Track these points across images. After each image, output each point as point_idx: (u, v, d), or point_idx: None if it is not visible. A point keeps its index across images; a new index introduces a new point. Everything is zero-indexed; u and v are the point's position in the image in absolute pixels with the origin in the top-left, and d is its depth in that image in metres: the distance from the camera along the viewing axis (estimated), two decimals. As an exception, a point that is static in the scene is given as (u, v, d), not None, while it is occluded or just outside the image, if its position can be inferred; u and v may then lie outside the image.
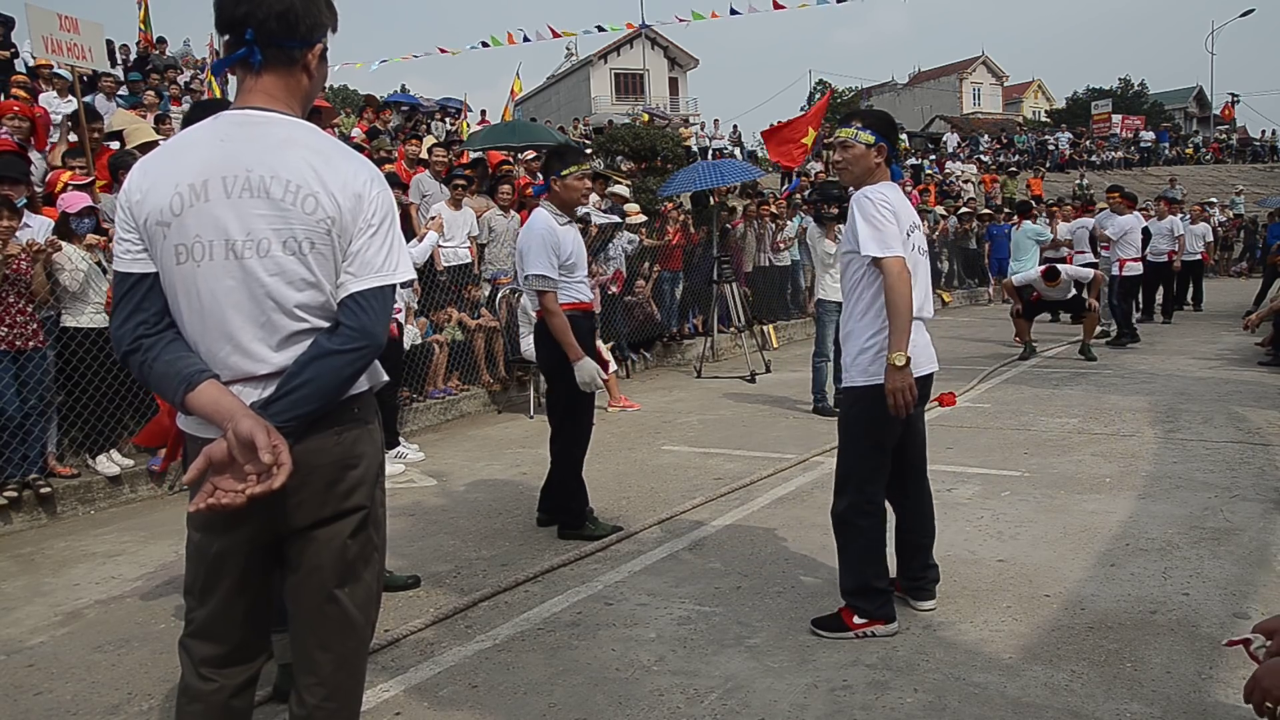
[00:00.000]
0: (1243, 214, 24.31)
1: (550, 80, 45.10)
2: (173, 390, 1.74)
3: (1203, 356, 9.56)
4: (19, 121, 7.38)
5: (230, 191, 1.74)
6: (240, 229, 1.73)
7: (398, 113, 16.34)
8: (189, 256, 1.75)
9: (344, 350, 1.75)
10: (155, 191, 1.76)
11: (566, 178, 4.28)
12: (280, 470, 1.64)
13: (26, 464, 5.20)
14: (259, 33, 1.77)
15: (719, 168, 10.48)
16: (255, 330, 1.76)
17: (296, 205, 1.74)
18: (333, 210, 1.75)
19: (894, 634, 3.20)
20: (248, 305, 1.75)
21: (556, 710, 2.83)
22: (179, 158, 1.79)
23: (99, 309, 5.61)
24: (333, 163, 1.78)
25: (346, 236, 1.77)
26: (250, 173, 1.74)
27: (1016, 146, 33.69)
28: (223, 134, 1.78)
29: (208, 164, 1.75)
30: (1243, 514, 4.40)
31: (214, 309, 1.75)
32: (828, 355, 7.44)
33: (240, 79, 1.83)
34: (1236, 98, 45.11)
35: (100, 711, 2.96)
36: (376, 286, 1.78)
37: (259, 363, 1.77)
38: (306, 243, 1.74)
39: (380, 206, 1.81)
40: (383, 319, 1.80)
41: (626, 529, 4.50)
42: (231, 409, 1.69)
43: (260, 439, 1.64)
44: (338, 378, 1.75)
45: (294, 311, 1.76)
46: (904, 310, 3.06)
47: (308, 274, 1.75)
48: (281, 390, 1.73)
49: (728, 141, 27.69)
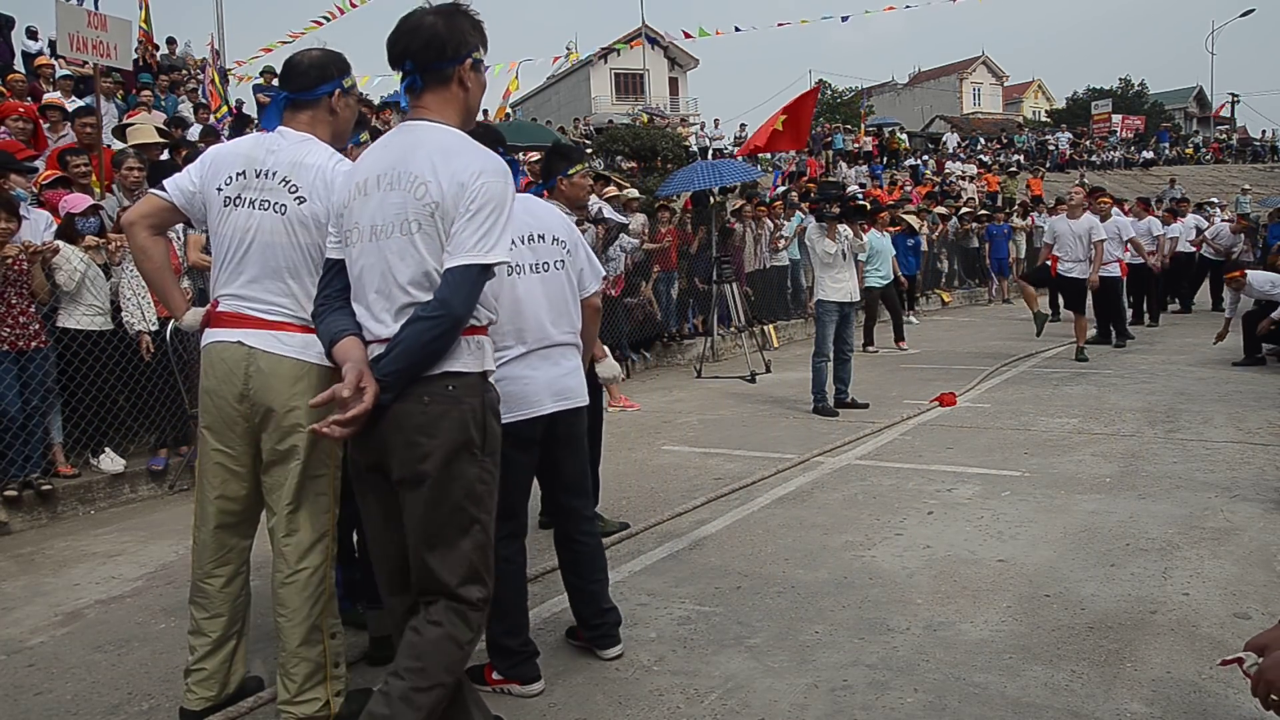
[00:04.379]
0: (1248, 213, 24.31)
1: (550, 80, 45.09)
2: (325, 343, 2.19)
3: (1203, 356, 9.56)
4: (22, 123, 7.39)
5: (379, 187, 2.15)
6: (380, 216, 2.13)
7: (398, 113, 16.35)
8: (350, 240, 2.19)
9: (426, 317, 2.05)
10: (343, 191, 2.25)
11: (573, 176, 4.29)
12: (358, 406, 2.00)
13: (29, 465, 5.21)
14: (416, 61, 2.16)
15: (718, 168, 10.47)
16: (382, 301, 2.13)
17: (412, 193, 2.08)
18: (437, 196, 2.07)
19: (536, 694, 2.88)
20: (378, 280, 2.13)
21: (556, 710, 2.83)
22: (362, 163, 2.23)
23: (97, 311, 5.59)
24: (451, 157, 2.10)
25: (448, 219, 2.07)
26: (392, 170, 2.13)
27: (1016, 146, 33.69)
28: (387, 142, 2.22)
29: (372, 166, 2.18)
30: (1243, 514, 4.40)
31: (360, 283, 2.17)
32: (827, 355, 7.44)
33: (411, 99, 2.22)
34: (1237, 98, 45.18)
35: (100, 711, 2.96)
36: (463, 264, 2.05)
37: (383, 327, 2.13)
38: (415, 224, 2.08)
39: (481, 195, 2.07)
40: (462, 293, 2.05)
41: (629, 527, 4.50)
42: (348, 357, 2.09)
43: (350, 377, 2.02)
44: (419, 341, 2.04)
45: (404, 285, 2.10)
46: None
47: (415, 252, 2.08)
48: (386, 350, 2.08)
49: (729, 141, 27.69)
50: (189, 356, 5.84)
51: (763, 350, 10.47)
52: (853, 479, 5.37)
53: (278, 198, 2.56)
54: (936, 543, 4.18)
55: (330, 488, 2.65)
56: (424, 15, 2.18)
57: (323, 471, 2.63)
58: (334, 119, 2.69)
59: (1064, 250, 9.57)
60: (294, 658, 2.59)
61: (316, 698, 2.60)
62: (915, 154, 29.17)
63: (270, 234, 2.56)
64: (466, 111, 2.24)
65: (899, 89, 54.95)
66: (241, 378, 2.55)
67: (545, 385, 2.92)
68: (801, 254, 12.21)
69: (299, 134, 2.63)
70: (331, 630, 2.65)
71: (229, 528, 2.69)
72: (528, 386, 2.89)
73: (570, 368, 3.01)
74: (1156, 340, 11.26)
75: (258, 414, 2.57)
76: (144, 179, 6.27)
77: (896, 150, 28.96)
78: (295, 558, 2.59)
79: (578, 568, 3.14)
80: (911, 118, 43.04)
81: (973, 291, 17.67)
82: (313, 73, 2.64)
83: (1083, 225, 9.48)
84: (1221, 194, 26.81)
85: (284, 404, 2.54)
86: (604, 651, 3.15)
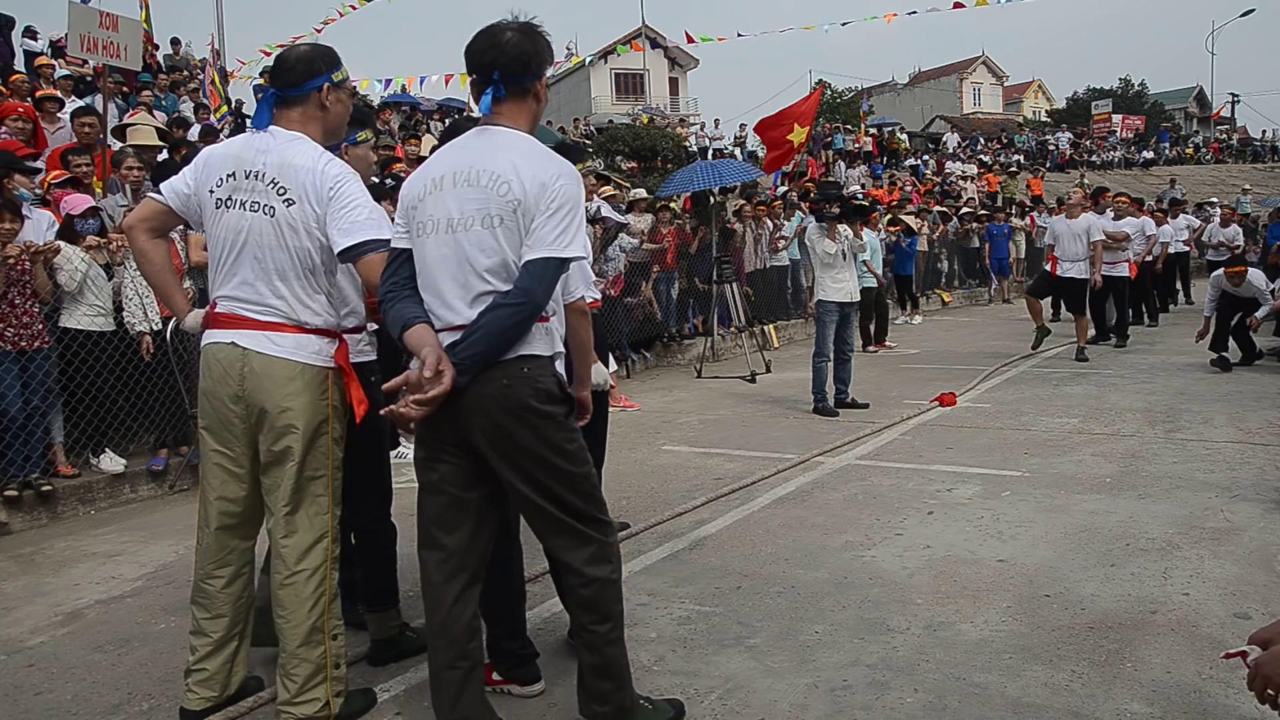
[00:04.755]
0: (1249, 213, 24.32)
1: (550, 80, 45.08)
2: (396, 329, 2.32)
3: (1203, 356, 9.55)
4: (21, 123, 7.39)
5: (456, 183, 2.31)
6: (457, 210, 2.29)
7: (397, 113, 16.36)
8: (423, 232, 2.34)
9: (509, 304, 2.24)
10: (413, 184, 2.40)
11: None
12: (438, 388, 2.18)
13: (30, 465, 5.21)
14: (504, 72, 2.34)
15: (718, 168, 10.47)
16: (456, 289, 2.30)
17: (494, 190, 2.26)
18: (520, 194, 2.24)
19: (536, 694, 2.89)
20: (454, 269, 2.29)
21: (556, 710, 2.83)
22: (433, 162, 2.41)
23: (98, 311, 5.60)
24: (531, 160, 2.29)
25: (530, 216, 2.24)
26: (470, 169, 2.30)
27: (1017, 146, 33.69)
28: (463, 143, 2.38)
29: (448, 164, 2.35)
30: (1243, 514, 4.40)
31: (433, 272, 2.32)
32: (828, 355, 7.44)
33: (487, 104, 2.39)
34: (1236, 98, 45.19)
35: (100, 711, 2.96)
36: (544, 257, 2.23)
37: (457, 315, 2.30)
38: (498, 218, 2.25)
39: (561, 195, 2.26)
40: (544, 284, 2.25)
41: (629, 527, 4.50)
42: (424, 343, 2.25)
43: (430, 362, 2.18)
44: (501, 326, 2.23)
45: (483, 275, 2.27)
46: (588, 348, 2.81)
47: (496, 245, 2.26)
48: (464, 335, 2.25)
49: (729, 141, 27.69)
50: (189, 357, 5.84)
51: (763, 350, 10.47)
52: (853, 479, 5.37)
53: (267, 200, 2.55)
54: (936, 543, 4.18)
55: (329, 489, 2.65)
56: (507, 30, 2.36)
57: (321, 473, 2.62)
58: (324, 114, 2.67)
59: (1062, 250, 9.58)
60: (294, 658, 2.59)
61: (316, 698, 2.60)
62: (915, 154, 29.16)
63: (260, 236, 2.55)
64: (535, 121, 2.47)
65: (899, 89, 54.93)
66: (236, 378, 2.56)
67: None
68: (801, 254, 12.21)
69: (290, 133, 2.62)
70: (333, 631, 2.64)
71: (230, 529, 2.69)
72: None
73: None
74: (1156, 340, 11.26)
75: (253, 415, 2.58)
76: (145, 178, 6.28)
77: (896, 150, 28.96)
78: (294, 559, 2.59)
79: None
80: (911, 118, 43.02)
81: (973, 291, 17.68)
82: (300, 67, 2.63)
83: (1081, 225, 9.50)
84: (1221, 194, 26.80)
85: (277, 405, 2.54)
86: None
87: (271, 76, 2.69)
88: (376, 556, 3.20)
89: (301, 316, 2.60)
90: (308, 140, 2.62)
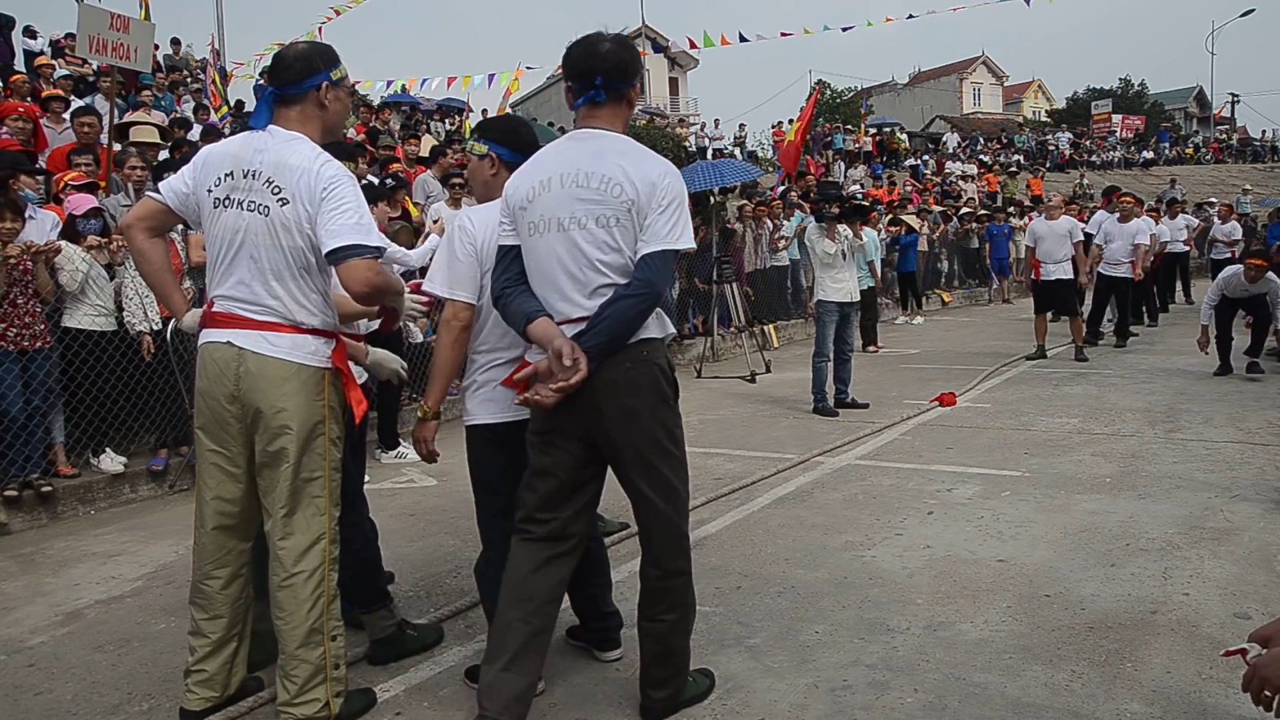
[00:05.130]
0: (1249, 213, 24.34)
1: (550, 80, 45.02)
2: (519, 322, 2.48)
3: (1203, 356, 9.55)
4: (21, 123, 7.39)
5: (564, 185, 2.47)
6: (568, 210, 2.46)
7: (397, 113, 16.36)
8: (535, 230, 2.50)
9: (632, 295, 2.42)
10: (519, 187, 2.55)
11: None
12: (576, 375, 2.35)
13: (30, 465, 5.21)
14: (606, 79, 2.51)
15: (717, 168, 10.47)
16: (573, 284, 2.47)
17: (608, 192, 2.44)
18: (633, 195, 2.42)
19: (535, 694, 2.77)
20: (570, 265, 2.47)
21: (556, 710, 2.83)
22: (537, 164, 2.57)
23: (100, 311, 5.60)
24: (637, 162, 2.47)
25: (643, 214, 2.43)
26: (578, 172, 2.47)
27: (1016, 146, 33.69)
28: (564, 148, 2.55)
29: (553, 167, 2.51)
30: (1243, 514, 4.40)
31: (548, 268, 2.49)
32: (828, 355, 7.45)
33: (587, 110, 2.56)
34: (1236, 98, 45.17)
35: (100, 711, 2.96)
36: (660, 250, 2.43)
37: (575, 308, 2.47)
38: (613, 218, 2.44)
39: (670, 192, 2.45)
40: (663, 274, 2.44)
41: (630, 528, 4.50)
42: (553, 334, 2.41)
43: (566, 351, 2.36)
44: (626, 316, 2.41)
45: (600, 270, 2.45)
46: (440, 362, 2.80)
47: (611, 241, 2.44)
48: (588, 327, 2.42)
49: (729, 141, 27.68)
50: (189, 357, 5.84)
51: (763, 350, 10.47)
52: (853, 479, 5.37)
53: (262, 199, 2.54)
54: (936, 543, 4.18)
55: (327, 490, 2.64)
56: (605, 41, 2.54)
57: (318, 474, 2.61)
58: (323, 113, 2.66)
59: (1045, 253, 9.62)
60: (293, 660, 2.59)
61: (317, 699, 2.60)
62: (915, 154, 29.16)
63: (256, 236, 2.54)
64: (626, 123, 2.64)
65: (899, 89, 54.92)
66: (232, 378, 2.55)
67: None
68: (801, 254, 12.21)
69: (288, 133, 2.60)
70: (332, 632, 2.64)
71: (227, 529, 2.68)
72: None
73: None
74: (1156, 340, 11.26)
75: (248, 415, 2.57)
76: (147, 177, 6.28)
77: (896, 150, 28.96)
78: (291, 561, 2.58)
79: (581, 570, 3.13)
80: (911, 118, 43.01)
81: (973, 291, 17.69)
82: (299, 65, 2.61)
83: (1063, 226, 9.58)
84: (1221, 194, 26.81)
85: (271, 405, 2.53)
86: (604, 654, 3.15)
87: (270, 75, 2.68)
88: (353, 560, 3.17)
89: (297, 317, 2.59)
90: (306, 140, 2.61)
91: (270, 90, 2.65)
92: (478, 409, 2.91)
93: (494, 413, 2.87)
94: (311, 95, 2.63)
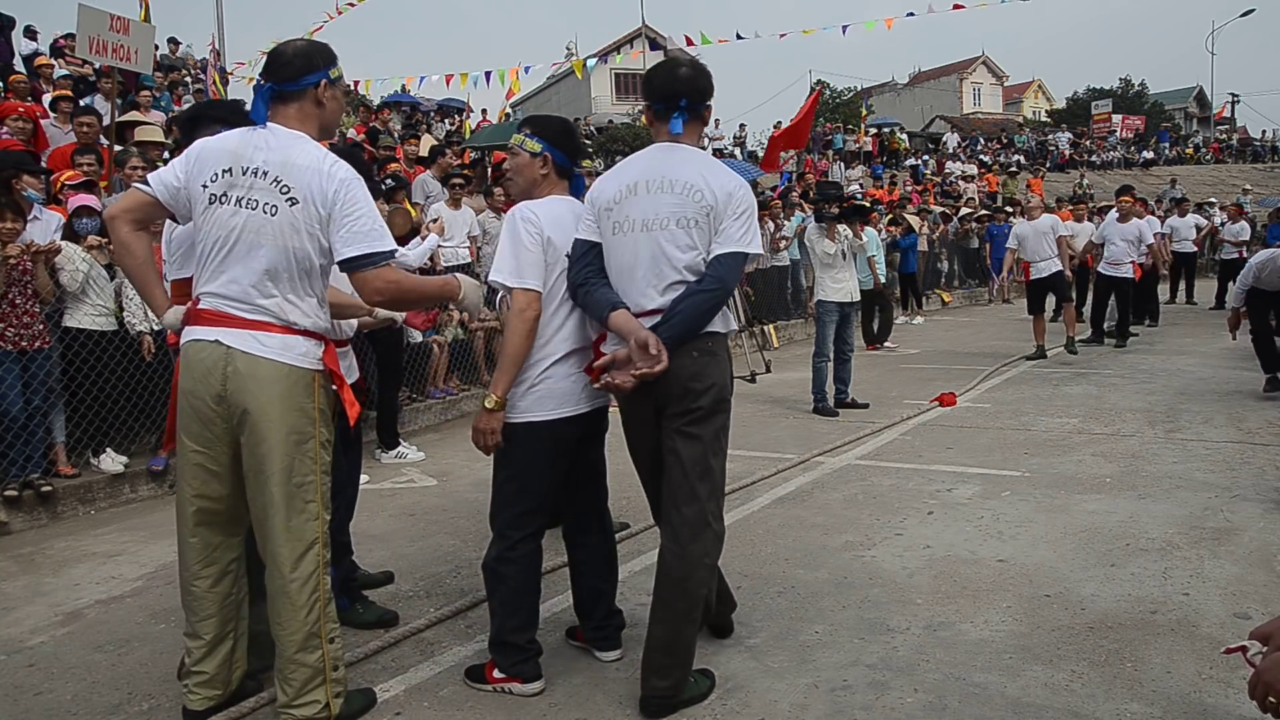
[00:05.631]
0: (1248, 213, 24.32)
1: (550, 80, 45.04)
2: (600, 311, 2.72)
3: (1203, 356, 9.56)
4: (22, 123, 7.39)
5: (649, 189, 2.75)
6: (653, 212, 2.72)
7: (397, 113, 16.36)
8: (619, 229, 2.75)
9: (706, 291, 2.67)
10: (606, 189, 2.80)
11: None
12: (660, 364, 2.59)
13: (30, 465, 5.21)
14: (689, 100, 2.82)
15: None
16: (651, 279, 2.72)
17: (689, 197, 2.70)
18: (712, 200, 2.69)
19: (536, 693, 2.90)
20: (649, 262, 2.72)
21: (556, 710, 2.83)
22: (624, 170, 2.85)
23: (101, 311, 5.60)
24: (716, 172, 2.75)
25: (719, 219, 2.69)
26: (662, 178, 2.74)
27: (1017, 146, 33.69)
28: (651, 156, 2.82)
29: (639, 173, 2.78)
30: (1243, 514, 4.40)
31: (629, 264, 2.74)
32: (828, 355, 7.45)
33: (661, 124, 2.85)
34: (1236, 98, 45.15)
35: (100, 711, 2.96)
36: (732, 252, 2.68)
37: (650, 301, 2.72)
38: (693, 220, 2.70)
39: (744, 202, 2.71)
40: (734, 274, 2.68)
41: (629, 527, 4.50)
42: (635, 326, 2.65)
43: (652, 342, 2.60)
44: (699, 310, 2.66)
45: (676, 267, 2.71)
46: (512, 352, 2.77)
47: (690, 241, 2.70)
48: (664, 319, 2.66)
49: (729, 141, 27.68)
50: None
51: (763, 350, 10.47)
52: (853, 479, 5.37)
53: (268, 198, 2.49)
54: (936, 543, 4.18)
55: (318, 494, 2.60)
56: (682, 66, 2.86)
57: (309, 478, 2.57)
58: (321, 111, 2.63)
59: (1031, 253, 9.66)
60: (291, 664, 2.58)
61: (316, 700, 2.60)
62: (915, 154, 29.15)
63: (256, 234, 2.49)
64: (700, 137, 2.95)
65: (899, 89, 54.87)
66: (219, 378, 2.49)
67: (585, 383, 2.89)
68: (801, 254, 12.22)
69: (291, 131, 2.57)
70: (330, 635, 2.62)
71: (212, 527, 2.65)
72: (577, 384, 2.87)
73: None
74: (1156, 340, 11.26)
75: (235, 415, 2.52)
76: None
77: (896, 150, 28.95)
78: (286, 569, 2.55)
79: (593, 567, 3.14)
80: (911, 118, 42.98)
81: (973, 291, 17.68)
82: (297, 62, 2.57)
83: (1045, 224, 9.67)
84: (1221, 194, 26.79)
85: (261, 407, 2.48)
86: (604, 654, 3.15)
87: (267, 71, 2.62)
88: None
89: (290, 317, 2.55)
90: (309, 139, 2.58)
91: (268, 86, 2.60)
92: (533, 405, 2.84)
93: (552, 408, 2.84)
94: (310, 93, 2.59)
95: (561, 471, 2.96)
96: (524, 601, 2.94)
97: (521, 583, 2.92)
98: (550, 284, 2.81)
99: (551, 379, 2.83)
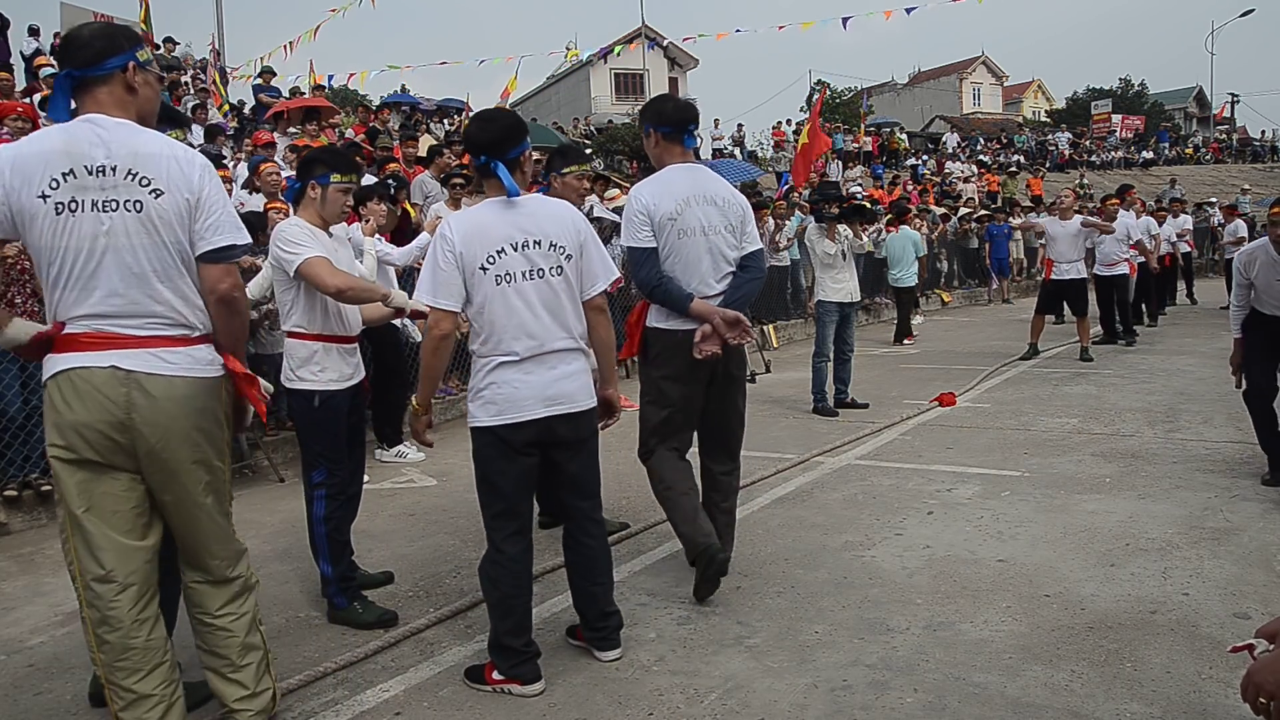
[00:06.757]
0: (1247, 213, 24.34)
1: (550, 80, 45.03)
2: (680, 303, 3.47)
3: (1203, 356, 9.56)
4: (21, 123, 7.38)
5: (700, 202, 3.55)
6: (706, 221, 3.55)
7: (397, 113, 16.35)
8: (685, 235, 3.53)
9: (756, 279, 3.66)
10: (662, 203, 3.51)
11: (566, 176, 4.28)
12: (748, 334, 3.54)
13: (29, 465, 5.20)
14: (697, 126, 3.77)
15: (717, 168, 10.49)
16: (713, 272, 3.57)
17: (729, 208, 3.60)
18: (739, 211, 3.63)
19: (536, 694, 2.91)
20: (708, 258, 3.55)
21: (556, 710, 2.83)
22: (670, 185, 3.55)
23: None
24: (731, 188, 3.68)
25: (746, 224, 3.64)
26: (706, 193, 3.58)
27: (1016, 146, 33.69)
28: (686, 176, 3.59)
29: (687, 189, 3.55)
30: (1243, 514, 4.40)
31: (695, 261, 3.54)
32: (827, 355, 7.45)
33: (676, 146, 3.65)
34: (1236, 98, 45.14)
35: (100, 712, 2.96)
36: (759, 248, 3.68)
37: (711, 289, 3.56)
38: (734, 225, 3.60)
39: (749, 208, 3.70)
40: (764, 265, 3.65)
41: (629, 528, 4.50)
42: (713, 309, 3.48)
43: (741, 318, 3.49)
44: (751, 291, 3.64)
45: (729, 260, 3.60)
46: (424, 365, 2.93)
47: (735, 241, 3.61)
48: (726, 300, 3.54)
49: (729, 141, 27.67)
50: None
51: (763, 350, 10.47)
52: (853, 479, 5.37)
53: (128, 195, 2.26)
54: (936, 543, 4.18)
55: (229, 489, 2.57)
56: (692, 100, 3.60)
57: (225, 476, 2.52)
58: (135, 98, 2.36)
59: (1058, 254, 9.61)
60: (244, 650, 2.56)
61: (266, 688, 2.63)
62: (915, 154, 29.15)
63: (127, 237, 2.26)
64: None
65: (899, 89, 54.85)
66: (123, 406, 2.27)
67: (536, 391, 2.89)
68: (801, 254, 12.22)
69: (118, 120, 2.30)
70: (260, 621, 2.66)
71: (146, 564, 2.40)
72: (517, 391, 2.89)
73: (567, 372, 2.96)
74: (1156, 340, 11.26)
75: (143, 445, 2.31)
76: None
77: (896, 150, 28.95)
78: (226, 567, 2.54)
79: (583, 569, 3.14)
80: (911, 118, 42.98)
81: (973, 291, 17.68)
82: (97, 44, 2.29)
83: (1074, 226, 9.57)
84: (1221, 194, 26.81)
85: (183, 431, 2.34)
86: (603, 654, 3.15)
87: (62, 57, 2.33)
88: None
89: (190, 319, 2.37)
90: (142, 128, 2.34)
91: (66, 74, 2.31)
92: (479, 411, 2.93)
93: (494, 415, 2.89)
94: (118, 77, 2.31)
95: (526, 477, 2.97)
96: (515, 604, 2.94)
97: (511, 585, 2.94)
98: (480, 296, 2.85)
99: (495, 385, 2.89)
